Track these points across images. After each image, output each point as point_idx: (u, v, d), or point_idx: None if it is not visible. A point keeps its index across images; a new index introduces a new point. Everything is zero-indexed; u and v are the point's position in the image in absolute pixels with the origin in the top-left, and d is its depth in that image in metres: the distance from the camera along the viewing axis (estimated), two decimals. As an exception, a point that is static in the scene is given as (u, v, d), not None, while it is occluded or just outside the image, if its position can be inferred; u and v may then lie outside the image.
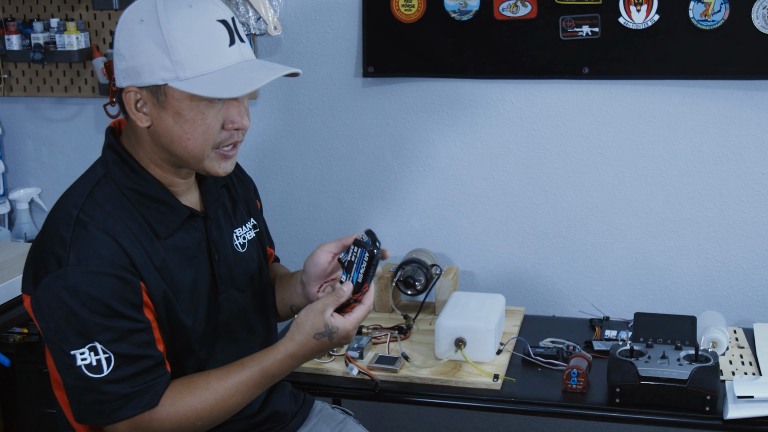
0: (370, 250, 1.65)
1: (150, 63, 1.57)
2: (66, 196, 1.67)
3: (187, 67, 1.57)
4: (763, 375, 2.11)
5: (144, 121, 1.62)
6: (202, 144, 1.62)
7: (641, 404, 1.98)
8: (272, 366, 1.65)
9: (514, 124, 2.58)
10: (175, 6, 1.58)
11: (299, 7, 2.64)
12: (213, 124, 1.61)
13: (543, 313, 2.63)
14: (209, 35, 1.58)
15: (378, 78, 2.64)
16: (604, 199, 2.57)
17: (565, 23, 2.47)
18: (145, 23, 1.57)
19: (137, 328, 1.59)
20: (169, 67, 1.56)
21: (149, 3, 1.59)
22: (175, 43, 1.56)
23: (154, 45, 1.56)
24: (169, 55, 1.56)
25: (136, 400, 1.58)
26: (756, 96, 2.42)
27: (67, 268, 1.54)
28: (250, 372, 1.64)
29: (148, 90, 1.59)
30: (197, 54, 1.57)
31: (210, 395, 1.62)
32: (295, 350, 1.65)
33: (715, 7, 2.37)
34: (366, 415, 2.28)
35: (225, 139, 1.65)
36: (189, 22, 1.57)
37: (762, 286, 2.51)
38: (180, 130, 1.61)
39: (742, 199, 2.49)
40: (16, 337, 2.50)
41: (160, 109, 1.60)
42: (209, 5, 1.61)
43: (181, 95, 1.58)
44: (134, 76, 1.59)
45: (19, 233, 2.84)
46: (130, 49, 1.58)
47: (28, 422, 2.50)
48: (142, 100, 1.60)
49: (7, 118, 2.90)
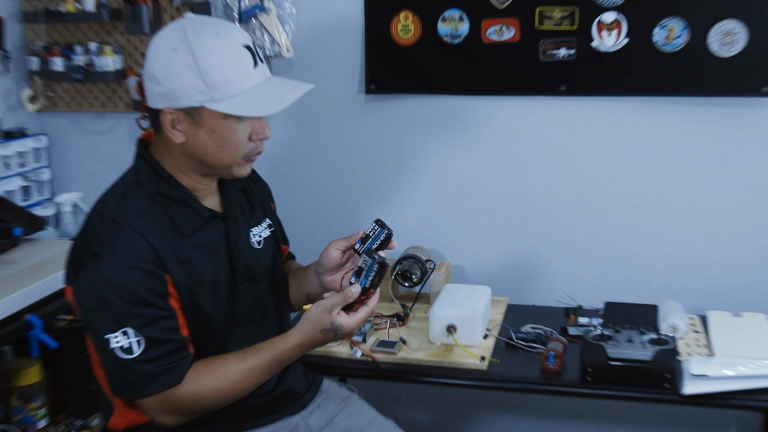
0: (379, 262, 1.65)
1: (186, 87, 1.57)
2: (102, 199, 1.68)
3: (221, 90, 1.57)
4: (715, 356, 2.12)
5: (179, 138, 1.62)
6: (233, 154, 1.64)
7: (610, 382, 1.98)
8: (283, 353, 1.66)
9: (499, 135, 2.59)
10: (204, 35, 1.58)
11: (309, 31, 2.65)
12: (242, 137, 1.63)
13: (524, 302, 2.63)
14: (237, 60, 1.59)
15: (379, 95, 2.64)
16: (578, 202, 2.57)
17: (544, 46, 2.47)
18: (178, 51, 1.57)
19: (163, 315, 1.60)
20: (204, 90, 1.57)
21: (179, 32, 1.59)
22: (208, 68, 1.56)
23: (189, 71, 1.56)
24: (204, 79, 1.56)
25: (163, 377, 1.59)
26: (710, 111, 2.42)
27: (102, 262, 1.56)
28: (263, 357, 1.65)
29: (183, 111, 1.60)
30: (228, 77, 1.57)
31: (227, 376, 1.63)
32: (303, 341, 1.66)
33: (677, 32, 2.37)
34: (368, 392, 2.27)
35: (252, 149, 1.67)
36: (218, 49, 1.57)
37: (715, 279, 2.51)
38: (214, 144, 1.62)
39: (697, 203, 2.49)
40: (62, 323, 2.50)
41: (195, 127, 1.61)
42: (233, 32, 1.61)
43: (215, 114, 1.59)
44: (171, 99, 1.59)
45: (64, 232, 2.84)
46: (166, 75, 1.58)
47: (73, 398, 2.51)
48: (178, 119, 1.61)
49: (53, 131, 2.91)
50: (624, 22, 2.39)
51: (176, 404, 1.62)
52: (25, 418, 2.32)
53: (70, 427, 2.39)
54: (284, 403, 1.87)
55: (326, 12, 2.62)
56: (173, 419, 1.64)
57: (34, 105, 2.83)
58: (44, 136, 2.86)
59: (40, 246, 2.41)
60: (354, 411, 1.98)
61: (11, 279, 2.14)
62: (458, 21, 2.50)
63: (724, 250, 2.50)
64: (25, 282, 2.11)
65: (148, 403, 1.61)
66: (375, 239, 1.72)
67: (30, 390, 2.32)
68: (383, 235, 1.71)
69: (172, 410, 1.62)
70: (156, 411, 1.62)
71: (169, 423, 1.65)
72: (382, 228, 1.72)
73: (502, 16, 2.47)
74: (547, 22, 2.45)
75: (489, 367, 2.11)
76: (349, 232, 2.71)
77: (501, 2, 2.45)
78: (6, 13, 2.71)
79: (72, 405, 2.50)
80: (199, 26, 1.60)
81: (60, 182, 2.92)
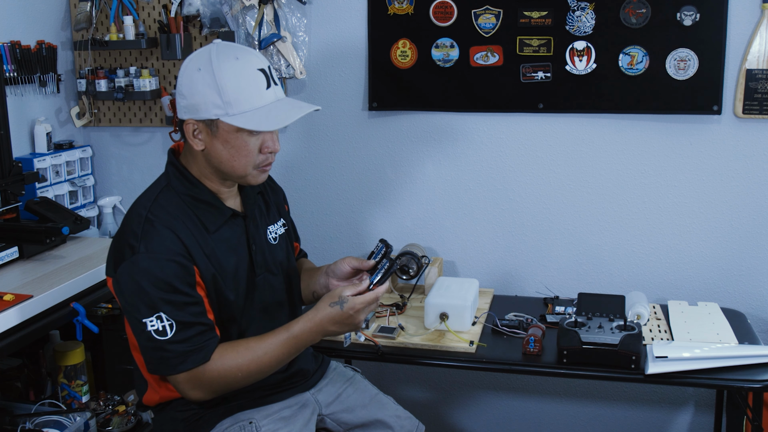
0: (391, 261, 1.68)
1: (205, 102, 1.57)
2: (138, 201, 1.67)
3: (234, 106, 1.57)
4: (675, 340, 2.11)
5: (199, 145, 1.62)
6: (245, 164, 1.63)
7: (583, 363, 1.97)
8: (297, 329, 1.63)
9: (485, 147, 2.57)
10: (225, 58, 1.58)
11: (319, 56, 2.64)
12: (253, 149, 1.62)
13: (508, 293, 2.61)
14: (251, 81, 1.59)
15: (380, 111, 2.63)
16: (554, 205, 2.56)
17: (524, 70, 2.46)
18: (202, 71, 1.57)
19: (192, 301, 1.59)
20: (221, 105, 1.57)
21: (205, 55, 1.59)
22: (225, 87, 1.56)
23: (209, 88, 1.56)
24: (221, 96, 1.56)
25: (193, 356, 1.58)
26: (668, 127, 2.42)
27: (138, 255, 1.55)
28: (280, 336, 1.64)
29: (203, 122, 1.60)
30: (242, 95, 1.57)
31: (249, 354, 1.62)
32: (314, 316, 1.63)
33: (638, 59, 2.37)
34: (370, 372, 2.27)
35: (263, 160, 1.65)
36: (236, 71, 1.57)
37: (674, 272, 2.50)
38: (228, 154, 1.61)
39: (659, 205, 2.48)
40: (102, 310, 2.50)
41: (212, 137, 1.60)
42: (251, 57, 1.61)
43: (230, 127, 1.59)
44: (193, 111, 1.59)
45: (105, 231, 2.84)
46: (190, 91, 1.59)
47: (113, 376, 2.50)
48: (198, 129, 1.61)
49: (97, 143, 2.90)
50: (593, 50, 2.39)
51: (204, 381, 1.60)
52: (70, 393, 2.32)
53: (109, 402, 2.38)
54: (296, 381, 1.86)
55: (335, 39, 2.61)
56: (201, 394, 1.62)
57: (81, 120, 2.82)
58: (89, 147, 2.85)
59: (84, 243, 2.41)
60: (358, 389, 1.97)
61: (59, 272, 2.13)
62: (449, 47, 2.50)
63: (682, 246, 2.48)
64: (71, 274, 2.11)
65: (180, 379, 1.60)
66: (381, 269, 1.70)
67: (74, 369, 2.32)
68: (386, 265, 1.70)
69: (201, 386, 1.61)
70: (186, 387, 1.61)
71: (198, 398, 1.63)
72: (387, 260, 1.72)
73: (487, 43, 2.47)
74: (527, 48, 2.44)
75: (477, 350, 2.09)
76: (352, 231, 2.73)
77: (486, 32, 2.45)
78: (59, 42, 2.73)
79: (111, 383, 2.50)
80: (223, 51, 1.60)
81: (102, 187, 2.92)
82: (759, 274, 2.44)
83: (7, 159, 2.25)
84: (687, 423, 2.62)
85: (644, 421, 2.65)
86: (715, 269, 2.47)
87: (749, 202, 2.41)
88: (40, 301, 1.95)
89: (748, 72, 2.31)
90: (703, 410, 2.59)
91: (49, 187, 2.63)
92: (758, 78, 2.31)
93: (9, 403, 2.24)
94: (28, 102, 2.62)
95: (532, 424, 2.76)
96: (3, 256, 2.15)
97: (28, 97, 2.61)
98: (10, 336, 1.86)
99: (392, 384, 2.82)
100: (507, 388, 2.76)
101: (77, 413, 2.17)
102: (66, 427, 2.11)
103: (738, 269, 2.45)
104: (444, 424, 2.82)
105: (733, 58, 2.33)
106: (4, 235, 2.19)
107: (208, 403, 1.71)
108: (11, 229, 2.21)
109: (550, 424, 2.74)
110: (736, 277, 2.46)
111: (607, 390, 2.66)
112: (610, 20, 2.37)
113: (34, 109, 2.65)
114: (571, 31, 2.40)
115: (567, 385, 2.70)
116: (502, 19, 2.44)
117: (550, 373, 2.04)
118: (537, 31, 2.42)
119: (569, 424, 2.72)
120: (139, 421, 2.32)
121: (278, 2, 2.57)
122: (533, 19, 2.42)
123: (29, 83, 2.57)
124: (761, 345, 2.08)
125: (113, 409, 2.34)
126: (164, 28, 2.67)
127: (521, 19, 2.43)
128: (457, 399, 2.81)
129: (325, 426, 1.91)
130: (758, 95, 2.32)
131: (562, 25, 2.40)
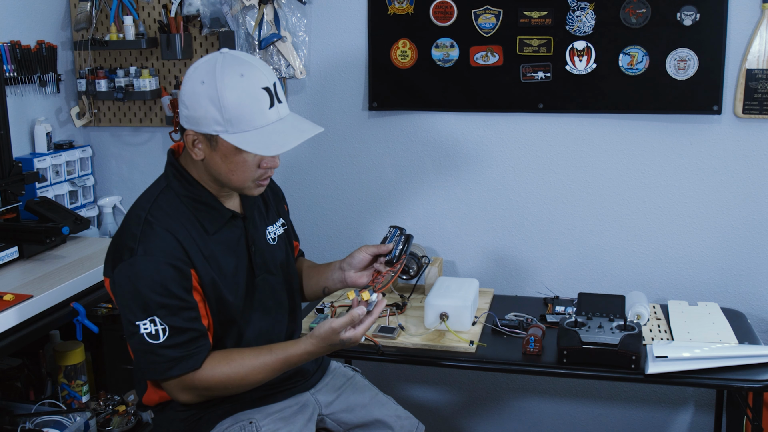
0: (406, 235, 1.80)
1: (206, 117, 1.55)
2: (137, 202, 1.66)
3: (235, 125, 1.54)
4: (675, 340, 2.10)
5: (199, 155, 1.61)
6: (243, 179, 1.61)
7: (583, 363, 1.96)
8: (293, 357, 1.62)
9: (485, 146, 2.56)
10: (230, 74, 1.54)
11: (320, 56, 2.63)
12: (252, 165, 1.60)
13: (508, 293, 2.61)
14: (254, 101, 1.55)
15: (380, 111, 2.62)
16: (554, 205, 2.55)
17: (524, 69, 2.45)
18: (205, 85, 1.54)
19: (186, 306, 1.57)
20: (221, 122, 1.54)
21: (210, 67, 1.56)
22: (227, 105, 1.53)
23: (210, 104, 1.54)
24: (222, 113, 1.54)
25: (184, 362, 1.57)
26: (668, 126, 2.41)
27: (136, 257, 1.54)
28: (275, 357, 1.62)
29: (203, 135, 1.58)
30: (243, 115, 1.54)
31: (241, 368, 1.60)
32: (312, 350, 1.62)
33: (638, 59, 2.36)
34: (370, 372, 2.26)
35: (261, 174, 1.63)
36: (239, 89, 1.54)
37: (674, 272, 2.49)
38: (226, 168, 1.60)
39: (659, 205, 2.47)
40: (102, 310, 2.50)
41: (211, 150, 1.59)
42: (257, 74, 1.56)
43: (229, 145, 1.56)
44: (193, 123, 1.57)
45: (105, 231, 2.83)
46: (192, 103, 1.56)
47: (112, 376, 2.50)
48: (198, 140, 1.59)
49: (97, 143, 2.89)
50: (593, 50, 2.38)
51: (194, 387, 1.60)
52: (70, 393, 2.31)
53: (109, 402, 2.37)
54: (297, 381, 1.85)
55: (335, 39, 2.61)
56: (190, 398, 1.62)
57: (81, 120, 2.82)
58: (89, 147, 2.84)
59: (84, 243, 2.40)
60: (358, 389, 1.96)
61: (59, 272, 2.13)
62: (449, 48, 2.49)
63: (682, 246, 2.48)
64: (71, 274, 2.10)
65: (170, 384, 1.60)
66: (398, 244, 1.79)
67: (74, 369, 2.31)
68: (403, 239, 1.80)
69: (190, 391, 1.60)
70: (175, 390, 1.61)
71: (187, 401, 1.63)
72: (403, 234, 1.81)
73: (487, 43, 2.46)
74: (527, 48, 2.44)
75: (477, 350, 2.09)
76: (353, 231, 2.72)
77: (486, 32, 2.44)
78: (59, 42, 2.72)
79: (111, 382, 2.50)
80: (228, 64, 1.56)
81: (102, 187, 2.91)
82: (759, 274, 2.43)
83: (7, 159, 2.25)
84: (687, 423, 2.61)
85: (644, 421, 2.64)
86: (715, 269, 2.46)
87: (749, 202, 2.40)
88: (40, 301, 1.95)
89: (748, 72, 2.30)
90: (703, 410, 2.58)
91: (49, 187, 2.62)
92: (758, 78, 2.30)
93: (9, 403, 2.24)
94: (28, 102, 2.61)
95: (532, 424, 2.75)
96: (3, 256, 2.14)
97: (28, 97, 2.61)
98: (10, 336, 1.86)
99: (392, 384, 2.81)
100: (507, 388, 2.75)
101: (77, 413, 2.17)
102: (66, 427, 2.11)
103: (738, 269, 2.45)
104: (444, 424, 2.82)
105: (733, 58, 2.32)
106: (4, 235, 2.19)
107: (208, 404, 1.70)
108: (11, 229, 2.21)
109: (550, 424, 2.73)
110: (736, 277, 2.45)
111: (607, 390, 2.66)
112: (610, 20, 2.36)
113: (34, 109, 2.64)
114: (571, 31, 2.39)
115: (567, 385, 2.69)
116: (502, 19, 2.44)
117: (550, 373, 2.03)
118: (537, 31, 2.41)
119: (569, 424, 2.71)
120: (139, 421, 2.32)
121: (278, 2, 2.56)
122: (533, 19, 2.41)
123: (29, 83, 2.57)
124: (761, 345, 2.08)
125: (113, 409, 2.33)
126: (164, 28, 2.66)
127: (521, 19, 2.42)
128: (457, 399, 2.80)
129: (325, 426, 1.90)
130: (758, 95, 2.31)
131: (562, 25, 2.39)
